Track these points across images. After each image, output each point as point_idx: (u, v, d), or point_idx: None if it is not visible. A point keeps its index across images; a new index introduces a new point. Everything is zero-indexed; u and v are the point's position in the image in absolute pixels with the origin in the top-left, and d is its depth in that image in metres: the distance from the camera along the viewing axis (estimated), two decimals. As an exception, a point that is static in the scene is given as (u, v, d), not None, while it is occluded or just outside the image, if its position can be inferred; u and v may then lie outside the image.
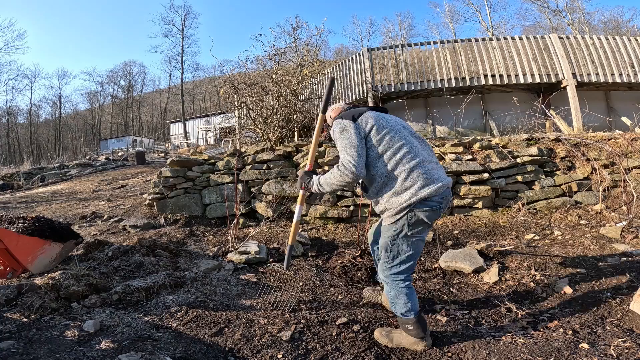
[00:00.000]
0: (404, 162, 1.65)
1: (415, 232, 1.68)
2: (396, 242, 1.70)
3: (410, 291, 1.75)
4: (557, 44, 7.65)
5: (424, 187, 1.61)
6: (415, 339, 1.73)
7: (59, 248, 2.89)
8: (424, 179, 1.62)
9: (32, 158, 28.13)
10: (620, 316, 1.97)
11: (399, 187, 1.62)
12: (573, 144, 4.59)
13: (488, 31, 27.47)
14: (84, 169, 11.73)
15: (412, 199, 1.60)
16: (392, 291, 1.77)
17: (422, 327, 1.73)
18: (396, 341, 1.79)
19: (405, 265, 1.74)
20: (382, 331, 1.86)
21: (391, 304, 1.80)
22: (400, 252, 1.72)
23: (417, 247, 1.74)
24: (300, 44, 7.31)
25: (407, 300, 1.73)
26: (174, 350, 1.71)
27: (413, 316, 1.72)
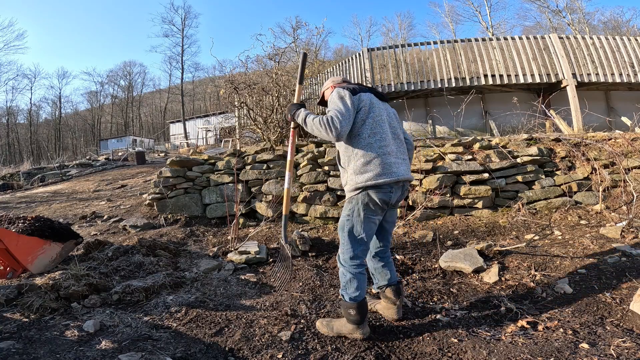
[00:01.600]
0: (373, 148, 1.80)
1: (368, 212, 1.82)
2: (351, 219, 1.83)
3: (363, 277, 1.86)
4: (557, 44, 7.65)
5: (380, 176, 1.77)
6: (353, 326, 1.82)
7: (59, 248, 2.89)
8: (383, 169, 1.78)
9: (32, 158, 28.13)
10: (620, 316, 1.97)
11: (362, 168, 1.78)
12: (573, 144, 4.59)
13: (488, 31, 27.48)
14: (84, 169, 11.73)
15: (367, 182, 1.76)
16: (348, 274, 1.84)
17: (362, 314, 1.81)
18: (336, 329, 1.87)
19: (360, 247, 1.85)
20: (322, 321, 1.96)
21: (343, 287, 1.87)
22: (355, 231, 1.83)
23: (369, 230, 1.85)
24: (300, 44, 7.31)
25: (359, 284, 1.83)
26: (174, 350, 1.71)
27: (360, 300, 1.82)
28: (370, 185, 1.76)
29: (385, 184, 1.77)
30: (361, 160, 1.79)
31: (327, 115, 1.75)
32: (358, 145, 1.80)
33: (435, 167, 4.34)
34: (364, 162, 1.78)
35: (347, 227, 1.84)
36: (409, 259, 3.09)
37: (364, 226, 1.82)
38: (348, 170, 1.84)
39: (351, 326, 1.82)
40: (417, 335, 1.88)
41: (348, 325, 1.83)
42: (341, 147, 1.89)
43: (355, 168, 1.80)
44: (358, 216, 1.81)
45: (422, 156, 4.39)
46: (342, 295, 1.87)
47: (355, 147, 1.81)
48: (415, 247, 3.44)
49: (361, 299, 1.82)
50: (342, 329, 1.86)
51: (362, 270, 1.86)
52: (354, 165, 1.81)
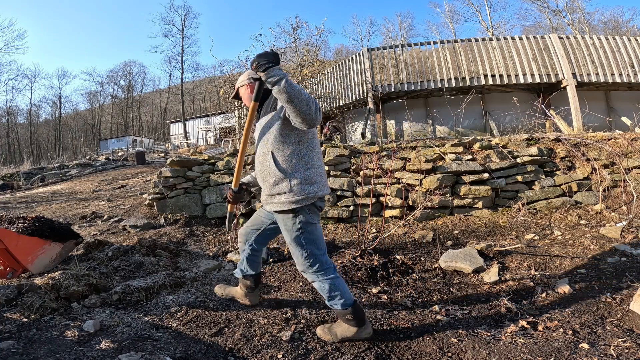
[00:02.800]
0: (320, 159, 1.82)
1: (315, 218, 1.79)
2: (306, 231, 1.74)
3: (340, 280, 1.82)
4: (557, 44, 7.66)
5: (324, 187, 1.79)
6: (357, 328, 1.78)
7: (59, 248, 2.89)
8: (325, 180, 1.83)
9: (32, 158, 28.13)
10: (620, 316, 1.97)
11: (311, 178, 1.73)
12: (573, 144, 4.59)
13: (488, 31, 27.48)
14: (84, 169, 11.73)
15: (316, 192, 1.73)
16: (325, 285, 1.78)
17: (361, 315, 1.79)
18: (340, 334, 1.81)
19: (323, 252, 1.81)
20: (324, 328, 1.88)
21: (328, 299, 1.81)
22: (315, 239, 1.77)
23: (320, 232, 1.83)
24: (300, 44, 7.32)
25: (344, 290, 1.80)
26: (174, 350, 1.71)
27: (351, 304, 1.78)
28: (319, 195, 1.73)
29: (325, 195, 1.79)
30: (312, 170, 1.73)
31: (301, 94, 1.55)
32: (310, 155, 1.74)
33: (435, 167, 4.34)
34: (314, 172, 1.74)
35: (304, 239, 1.74)
36: (409, 259, 3.09)
37: (317, 233, 1.79)
38: (294, 179, 1.69)
39: (354, 329, 1.79)
40: (417, 335, 1.88)
41: (351, 329, 1.79)
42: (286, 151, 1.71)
43: (306, 178, 1.70)
44: (312, 224, 1.75)
45: (422, 156, 4.39)
46: (331, 306, 1.82)
47: (308, 156, 1.73)
48: (415, 247, 3.44)
49: (352, 302, 1.79)
50: (346, 333, 1.80)
51: (335, 274, 1.80)
52: (302, 174, 1.70)
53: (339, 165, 4.62)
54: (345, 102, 8.80)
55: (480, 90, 8.42)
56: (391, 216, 4.18)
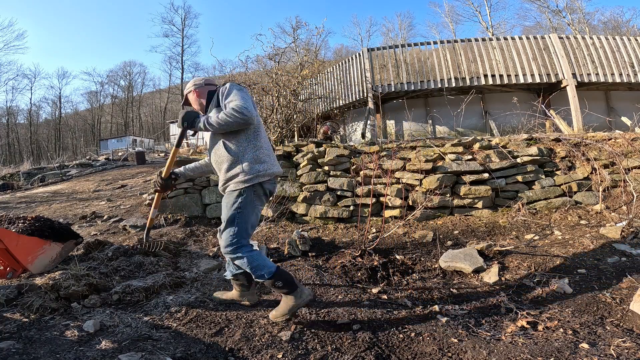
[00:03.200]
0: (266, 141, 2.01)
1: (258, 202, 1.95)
2: (244, 212, 1.89)
3: (258, 252, 1.93)
4: (557, 44, 7.65)
5: (273, 166, 1.98)
6: (293, 295, 1.90)
7: (59, 248, 2.89)
8: (274, 160, 2.01)
9: (32, 158, 28.12)
10: (620, 316, 1.97)
11: (260, 158, 1.92)
12: (573, 144, 4.59)
13: (488, 31, 27.48)
14: (84, 169, 11.73)
15: (267, 170, 1.92)
16: (246, 259, 1.88)
17: (289, 278, 1.91)
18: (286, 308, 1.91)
19: (248, 233, 1.94)
20: (274, 312, 1.98)
21: (253, 272, 1.90)
22: (247, 222, 1.91)
23: (257, 217, 1.99)
24: (300, 44, 7.32)
25: (262, 258, 1.91)
26: (174, 350, 1.71)
27: (275, 270, 1.89)
28: (267, 174, 1.91)
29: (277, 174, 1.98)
30: (259, 151, 1.92)
31: (231, 105, 1.81)
32: (258, 138, 1.93)
33: (435, 167, 4.34)
34: (261, 153, 1.92)
35: (239, 218, 1.88)
36: (409, 259, 3.09)
37: (255, 216, 1.95)
38: (244, 162, 1.89)
39: (292, 297, 1.91)
40: (417, 335, 1.88)
41: (290, 297, 1.91)
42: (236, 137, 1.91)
43: (255, 158, 1.90)
44: (250, 206, 1.90)
45: (422, 156, 4.39)
46: (259, 279, 1.91)
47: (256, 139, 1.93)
48: (415, 247, 3.44)
49: (275, 268, 1.90)
50: (289, 304, 1.91)
51: (251, 248, 1.93)
52: (251, 156, 1.89)
53: (339, 165, 4.62)
54: (345, 102, 8.80)
55: (480, 90, 8.42)
56: (391, 216, 4.18)
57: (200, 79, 2.18)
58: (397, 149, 4.72)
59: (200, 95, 2.13)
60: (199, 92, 2.13)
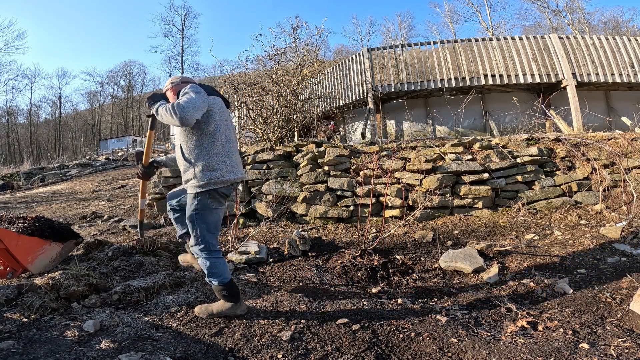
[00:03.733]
0: (225, 148, 1.99)
1: (215, 204, 1.99)
2: (201, 213, 1.95)
3: (222, 259, 2.03)
4: (557, 44, 7.65)
5: (229, 173, 1.98)
6: (232, 304, 2.01)
7: (59, 248, 2.89)
8: (231, 167, 2.00)
9: (32, 158, 28.11)
10: (620, 316, 1.97)
11: (212, 165, 1.93)
12: (573, 144, 4.59)
13: (488, 31, 27.47)
14: (84, 169, 11.73)
15: (219, 178, 1.93)
16: (208, 262, 1.97)
17: (236, 292, 2.02)
18: (217, 310, 2.03)
19: (213, 235, 2.01)
20: (201, 307, 2.08)
21: (208, 275, 1.99)
22: (207, 222, 1.97)
23: (218, 217, 2.04)
24: (300, 44, 7.31)
25: (222, 267, 1.99)
26: (174, 350, 1.71)
27: (227, 281, 1.98)
28: (220, 181, 1.94)
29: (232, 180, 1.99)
30: (213, 158, 1.93)
31: (177, 101, 1.83)
32: (212, 145, 1.94)
33: (435, 167, 4.34)
34: (216, 160, 1.94)
35: (197, 219, 1.95)
36: (409, 259, 3.09)
37: (213, 217, 2.00)
38: (197, 168, 1.93)
39: (229, 304, 2.01)
40: (417, 335, 1.88)
41: (227, 304, 2.01)
42: (190, 142, 1.96)
43: (208, 166, 1.92)
44: (207, 209, 1.96)
45: (422, 156, 4.39)
46: (210, 282, 2.01)
47: (209, 146, 1.94)
48: (415, 247, 3.44)
49: (228, 280, 1.99)
50: (221, 309, 2.02)
51: (219, 254, 2.01)
52: (205, 163, 1.92)
53: (339, 165, 4.62)
54: (345, 102, 8.80)
55: (480, 90, 8.42)
56: (391, 216, 4.18)
57: (177, 77, 2.21)
58: (397, 149, 4.72)
59: (175, 91, 2.15)
60: (175, 89, 2.16)
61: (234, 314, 2.04)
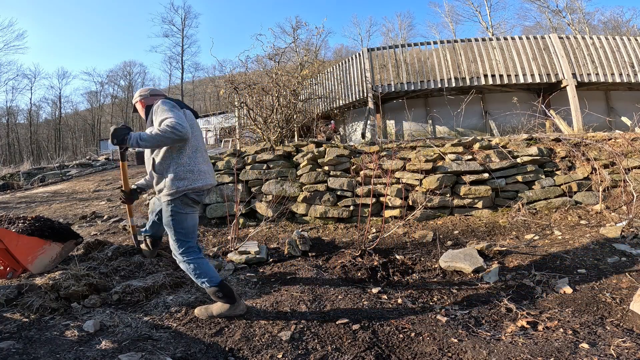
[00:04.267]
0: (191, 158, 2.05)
1: (188, 209, 2.07)
2: (175, 219, 2.03)
3: (206, 261, 2.06)
4: (557, 44, 7.65)
5: (196, 181, 2.05)
6: (230, 305, 2.03)
7: (59, 248, 2.88)
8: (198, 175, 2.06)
9: (32, 158, 28.10)
10: (620, 316, 1.97)
11: (180, 175, 2.00)
12: (573, 144, 4.59)
13: (488, 31, 27.45)
14: (84, 169, 11.73)
15: (187, 186, 2.01)
16: (192, 265, 2.01)
17: (230, 292, 2.03)
18: (216, 312, 2.05)
19: (191, 237, 2.08)
20: (201, 309, 2.10)
21: (196, 278, 2.02)
22: (184, 226, 2.05)
23: (193, 221, 2.11)
24: (300, 44, 7.32)
25: (208, 269, 2.02)
26: (174, 350, 1.72)
27: (218, 282, 2.01)
28: (189, 189, 2.01)
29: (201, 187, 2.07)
30: (182, 169, 2.00)
31: (166, 122, 1.85)
32: (181, 157, 2.01)
33: (435, 167, 4.34)
34: (184, 170, 2.01)
35: (174, 225, 2.03)
36: (409, 259, 3.09)
37: (188, 221, 2.06)
38: (167, 178, 2.00)
39: (227, 306, 2.03)
40: (417, 335, 1.88)
41: (224, 306, 2.03)
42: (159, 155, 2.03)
43: (178, 176, 1.99)
44: (182, 214, 2.03)
45: (422, 156, 4.39)
46: (202, 285, 2.03)
47: (178, 157, 2.01)
48: (415, 247, 3.44)
49: (219, 280, 2.02)
50: (220, 311, 2.04)
51: (199, 256, 2.06)
52: (175, 173, 1.99)
53: (339, 165, 4.62)
54: (345, 102, 8.80)
55: (480, 90, 8.42)
56: (391, 216, 4.18)
57: (146, 90, 2.24)
58: (397, 149, 4.72)
59: (144, 105, 2.21)
60: (144, 102, 2.21)
61: (233, 314, 2.05)
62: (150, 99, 2.18)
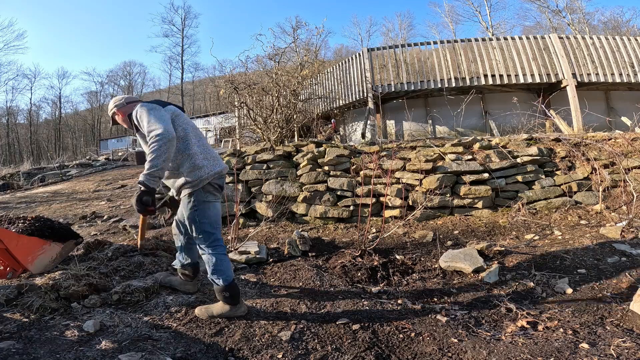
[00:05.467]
0: (200, 146, 2.04)
1: (211, 197, 2.03)
2: (200, 209, 1.98)
3: (228, 259, 2.06)
4: (557, 44, 7.66)
5: (214, 166, 2.03)
6: (231, 306, 2.01)
7: (59, 248, 2.88)
8: (213, 160, 2.05)
9: (32, 158, 28.10)
10: (620, 316, 1.97)
11: (197, 165, 1.97)
12: (573, 144, 4.59)
13: (488, 31, 27.46)
14: (84, 169, 11.73)
15: (209, 173, 1.98)
16: (214, 258, 1.99)
17: (236, 293, 2.02)
18: (217, 312, 2.02)
19: (216, 228, 2.05)
20: (202, 308, 2.08)
21: (212, 272, 1.99)
22: (208, 216, 2.00)
23: (217, 210, 2.08)
24: (300, 44, 7.32)
25: (227, 267, 2.01)
26: (174, 350, 1.72)
27: (230, 281, 1.99)
28: (212, 174, 1.99)
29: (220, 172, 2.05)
30: (196, 157, 1.98)
31: (151, 135, 1.80)
32: (189, 147, 1.99)
33: (435, 167, 4.34)
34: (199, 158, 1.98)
35: (199, 217, 1.98)
36: (409, 259, 3.09)
37: (212, 210, 2.03)
38: (185, 171, 1.97)
39: (228, 307, 2.00)
40: (417, 335, 1.88)
41: (226, 306, 2.01)
42: None
43: (195, 165, 1.96)
44: (205, 203, 2.00)
45: (422, 156, 4.38)
46: (212, 280, 2.01)
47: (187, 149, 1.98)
48: (415, 247, 3.44)
49: (231, 280, 2.00)
50: (221, 311, 2.01)
51: (224, 252, 2.04)
52: (190, 164, 1.97)
53: (339, 165, 4.62)
54: (345, 102, 8.80)
55: (480, 90, 8.42)
56: (391, 216, 4.18)
57: (120, 98, 2.17)
58: (397, 149, 4.72)
59: (124, 114, 2.12)
60: (122, 111, 2.13)
61: (234, 315, 2.05)
62: (128, 107, 2.10)
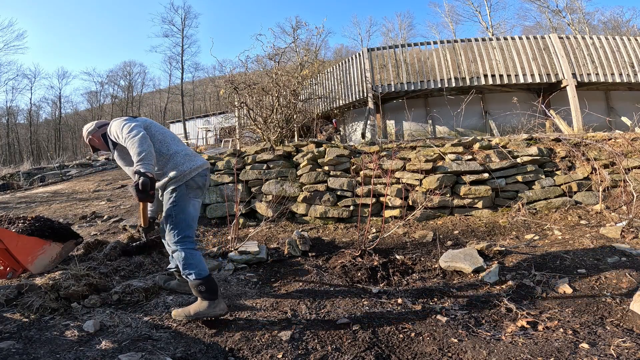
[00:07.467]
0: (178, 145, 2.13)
1: (191, 194, 2.06)
2: (179, 204, 2.01)
3: (198, 253, 2.03)
4: (557, 44, 7.66)
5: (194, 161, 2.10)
6: (209, 302, 1.94)
7: (59, 248, 2.88)
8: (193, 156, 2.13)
9: (32, 158, 28.10)
10: (620, 316, 1.97)
11: (178, 163, 2.04)
12: (573, 144, 4.59)
13: (488, 31, 27.44)
14: (84, 169, 11.73)
15: (191, 167, 2.05)
16: (183, 253, 1.97)
17: (213, 287, 1.96)
18: (194, 311, 1.96)
19: (191, 227, 2.05)
20: (178, 310, 2.03)
21: (184, 268, 1.97)
22: (185, 214, 2.02)
23: (195, 210, 2.09)
24: (300, 44, 7.32)
25: (199, 262, 1.98)
26: (174, 350, 1.72)
27: (205, 275, 1.95)
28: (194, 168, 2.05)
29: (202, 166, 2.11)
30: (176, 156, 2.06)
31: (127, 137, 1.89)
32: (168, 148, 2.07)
33: (435, 167, 4.34)
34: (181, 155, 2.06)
35: (176, 212, 2.00)
36: (409, 259, 3.09)
37: (190, 207, 2.05)
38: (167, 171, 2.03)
39: (206, 303, 1.94)
40: (417, 335, 1.88)
41: (203, 303, 1.95)
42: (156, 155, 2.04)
43: (175, 164, 2.03)
44: (185, 198, 2.02)
45: (422, 156, 4.38)
46: (186, 277, 1.98)
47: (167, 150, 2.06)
48: (415, 247, 3.44)
49: (206, 274, 1.96)
50: (199, 309, 1.95)
51: (193, 247, 2.03)
52: (173, 163, 2.04)
53: (339, 165, 4.62)
54: (345, 102, 8.80)
55: (480, 90, 8.43)
56: (391, 216, 4.18)
57: (91, 125, 2.26)
58: (397, 149, 4.72)
59: (99, 137, 2.21)
60: (96, 135, 2.22)
61: (212, 314, 1.95)
62: (101, 130, 2.19)
